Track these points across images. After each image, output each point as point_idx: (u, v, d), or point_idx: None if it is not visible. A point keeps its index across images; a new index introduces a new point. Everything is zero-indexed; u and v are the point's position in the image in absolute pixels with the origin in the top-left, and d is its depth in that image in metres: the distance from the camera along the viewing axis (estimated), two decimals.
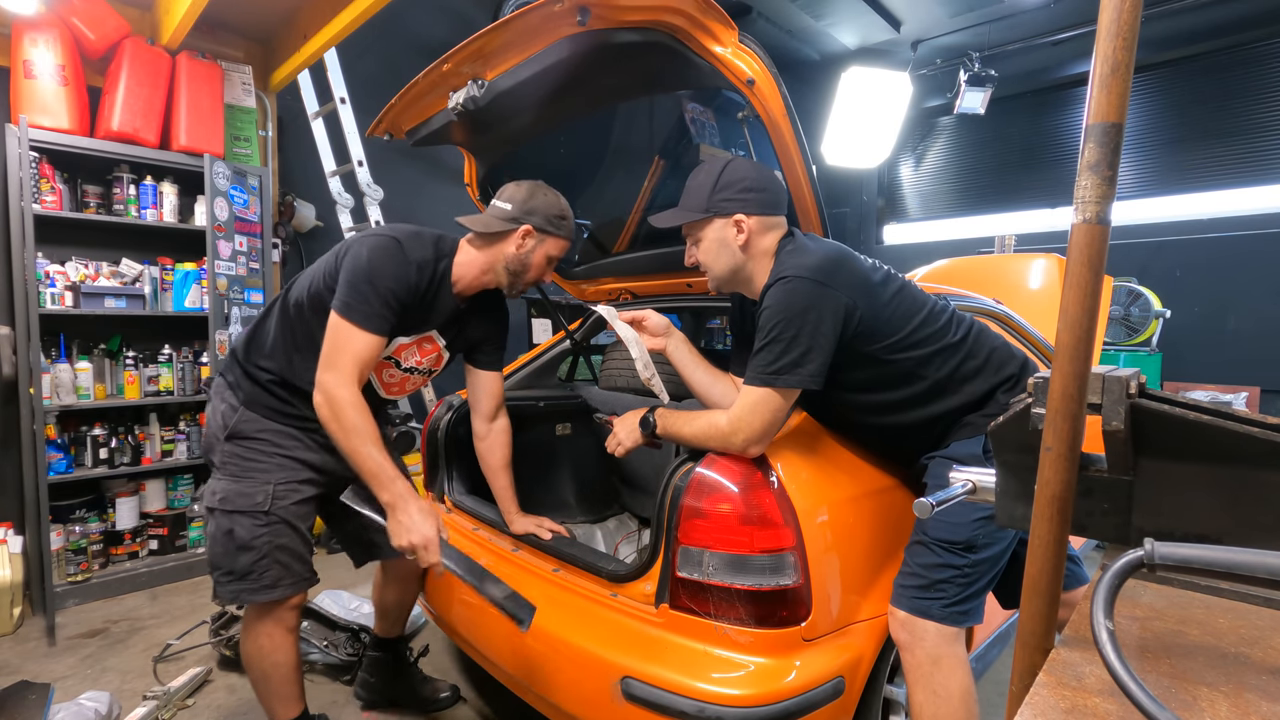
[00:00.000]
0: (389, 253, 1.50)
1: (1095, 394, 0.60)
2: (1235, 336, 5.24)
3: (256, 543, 1.57)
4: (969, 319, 1.51)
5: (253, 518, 1.57)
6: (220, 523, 1.57)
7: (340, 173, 3.97)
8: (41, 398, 2.63)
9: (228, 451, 1.60)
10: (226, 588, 1.58)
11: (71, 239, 2.95)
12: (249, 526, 1.56)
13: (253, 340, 1.68)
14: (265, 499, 1.58)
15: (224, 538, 1.56)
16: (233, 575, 1.57)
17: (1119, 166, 0.57)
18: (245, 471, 1.59)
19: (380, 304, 1.46)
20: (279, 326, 1.64)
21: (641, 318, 1.65)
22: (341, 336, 1.45)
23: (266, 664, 1.65)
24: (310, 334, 1.58)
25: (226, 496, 1.57)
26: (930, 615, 1.30)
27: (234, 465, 1.59)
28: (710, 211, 1.43)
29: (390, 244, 1.51)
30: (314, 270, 1.62)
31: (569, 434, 2.45)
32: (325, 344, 1.47)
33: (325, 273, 1.57)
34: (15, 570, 2.59)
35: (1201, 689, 0.51)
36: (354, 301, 1.45)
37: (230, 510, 1.56)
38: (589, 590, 1.56)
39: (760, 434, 1.31)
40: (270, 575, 1.59)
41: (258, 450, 1.61)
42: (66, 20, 2.75)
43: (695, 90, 1.90)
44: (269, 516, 1.58)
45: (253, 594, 1.58)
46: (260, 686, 1.69)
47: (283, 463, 1.62)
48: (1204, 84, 5.53)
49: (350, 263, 1.49)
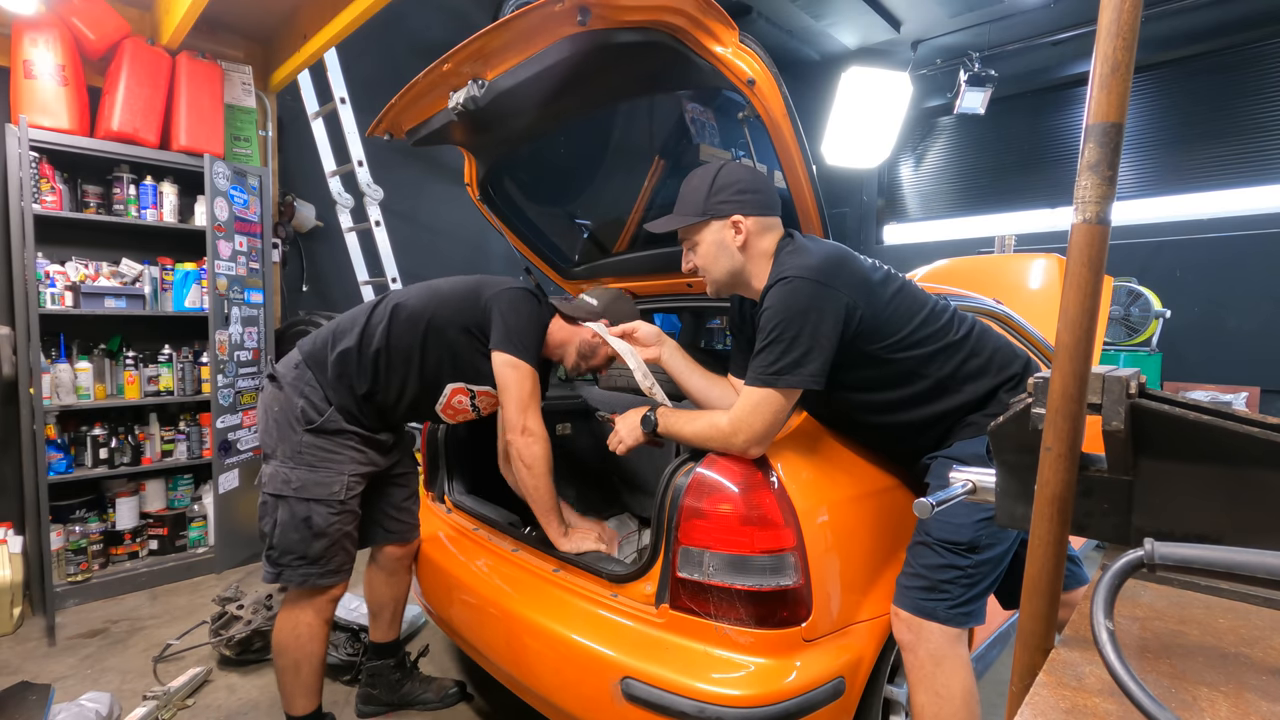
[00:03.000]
0: (535, 306, 1.76)
1: (1095, 394, 0.60)
2: (1235, 336, 5.24)
3: (330, 530, 1.68)
4: (971, 318, 1.50)
5: (328, 506, 1.68)
6: (296, 509, 1.66)
7: (340, 173, 3.97)
8: (41, 398, 2.63)
9: (307, 443, 1.68)
10: (297, 571, 1.68)
11: (71, 239, 2.95)
12: (324, 514, 1.67)
13: (347, 340, 1.74)
14: (341, 488, 1.70)
15: (300, 524, 1.66)
16: (305, 559, 1.68)
17: (1119, 166, 0.57)
18: (323, 462, 1.69)
19: (537, 348, 1.74)
20: (380, 337, 1.72)
21: (632, 329, 1.67)
22: (529, 381, 1.68)
23: (301, 653, 1.73)
24: (408, 347, 1.73)
25: (304, 485, 1.66)
26: (935, 617, 1.30)
27: (312, 455, 1.68)
28: (707, 214, 1.43)
29: (534, 300, 1.76)
30: (428, 290, 1.79)
31: (569, 434, 2.45)
32: (515, 388, 1.66)
33: (452, 305, 1.74)
34: (15, 570, 2.59)
35: (1201, 689, 0.51)
36: (525, 350, 1.69)
37: (307, 498, 1.66)
38: (589, 590, 1.56)
39: (761, 434, 1.31)
40: (336, 560, 1.72)
41: (338, 443, 1.71)
42: (66, 20, 2.75)
43: (695, 90, 1.90)
44: (343, 505, 1.70)
45: (320, 578, 1.70)
46: (288, 675, 1.74)
47: (354, 456, 1.73)
48: (1204, 84, 5.53)
49: (510, 315, 1.70)
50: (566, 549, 1.67)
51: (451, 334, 1.74)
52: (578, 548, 1.67)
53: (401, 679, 2.08)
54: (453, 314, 1.74)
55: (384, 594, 2.01)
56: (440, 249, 4.77)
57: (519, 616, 1.58)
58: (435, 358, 1.75)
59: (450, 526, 2.07)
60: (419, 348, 1.74)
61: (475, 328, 1.74)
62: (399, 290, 1.83)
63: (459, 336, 1.74)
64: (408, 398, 1.77)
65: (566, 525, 1.73)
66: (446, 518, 2.11)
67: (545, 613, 1.54)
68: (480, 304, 1.73)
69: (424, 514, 2.21)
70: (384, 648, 2.07)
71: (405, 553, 1.99)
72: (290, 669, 1.74)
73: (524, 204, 2.38)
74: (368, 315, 1.77)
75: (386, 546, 1.96)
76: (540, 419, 1.69)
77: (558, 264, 2.49)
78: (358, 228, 4.03)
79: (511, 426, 1.68)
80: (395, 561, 1.98)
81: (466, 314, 1.74)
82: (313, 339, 1.80)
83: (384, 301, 1.80)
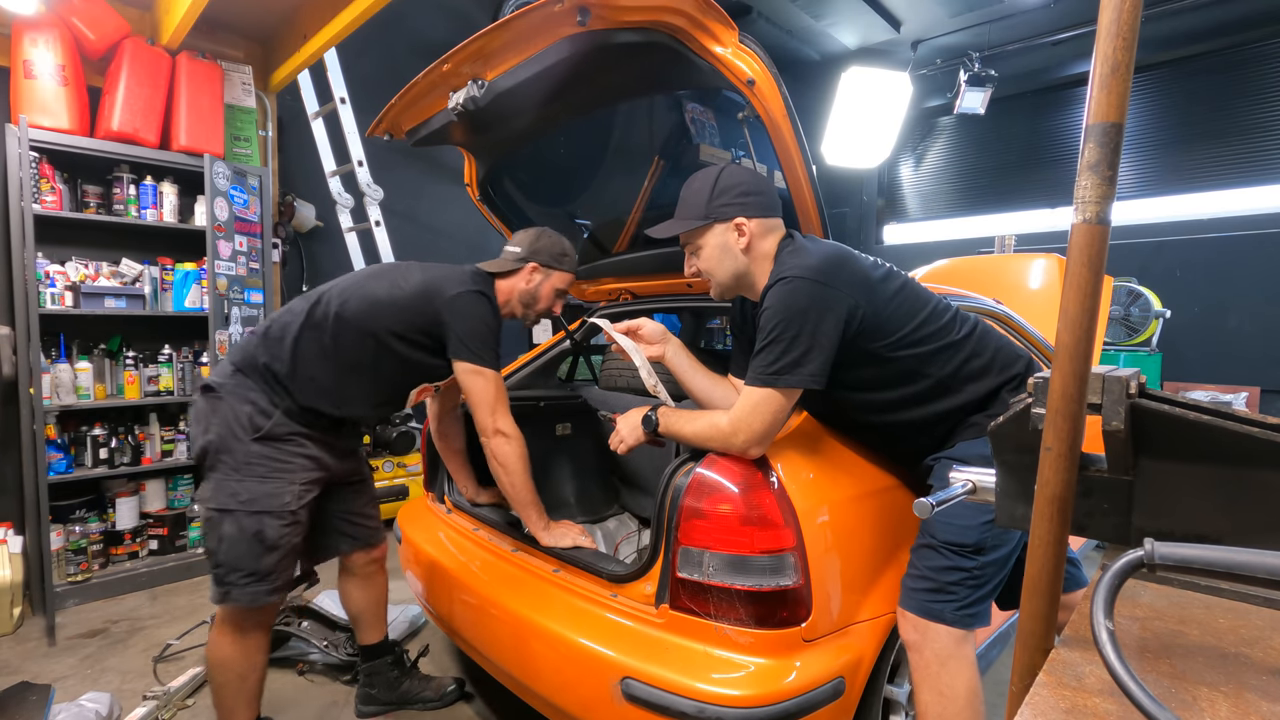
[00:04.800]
0: (489, 306, 1.73)
1: (1095, 394, 0.60)
2: (1235, 336, 5.24)
3: (282, 542, 1.60)
4: (973, 318, 1.50)
5: (279, 518, 1.59)
6: (245, 524, 1.56)
7: (340, 173, 3.97)
8: (41, 398, 2.64)
9: (255, 453, 1.60)
10: (245, 589, 1.57)
11: (71, 239, 2.95)
12: (276, 527, 1.59)
13: (285, 347, 1.67)
14: (293, 499, 1.62)
15: (251, 539, 1.56)
16: (254, 576, 1.57)
17: (1119, 166, 0.57)
18: (273, 472, 1.61)
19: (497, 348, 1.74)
20: (319, 345, 1.68)
21: (636, 326, 1.65)
22: (494, 385, 1.68)
23: (247, 666, 1.66)
24: (359, 361, 1.69)
25: (253, 498, 1.57)
26: (942, 619, 1.30)
27: (261, 466, 1.60)
28: (710, 217, 1.43)
29: (487, 301, 1.73)
30: (368, 300, 1.70)
31: (569, 434, 2.44)
32: (480, 394, 1.67)
33: (400, 319, 1.69)
34: (15, 570, 2.59)
35: (1201, 689, 0.51)
36: (486, 354, 1.68)
37: (257, 511, 1.57)
38: (589, 591, 1.56)
39: (761, 434, 1.31)
40: (285, 575, 1.64)
41: (286, 451, 1.64)
42: (66, 20, 2.75)
43: (695, 90, 1.90)
44: (294, 516, 1.62)
45: (269, 595, 1.60)
46: (231, 689, 1.66)
47: (304, 463, 1.66)
48: (1204, 84, 5.53)
49: (464, 322, 1.67)
50: (548, 543, 1.69)
51: (403, 349, 1.70)
52: (558, 542, 1.69)
53: (400, 676, 2.07)
54: (403, 329, 1.69)
55: (361, 600, 1.98)
56: (440, 249, 4.77)
57: (519, 616, 1.58)
58: (391, 370, 1.73)
59: (450, 527, 2.07)
60: (371, 366, 1.70)
61: (425, 335, 1.70)
62: (333, 293, 1.73)
63: (412, 352, 1.72)
64: (371, 405, 1.78)
65: (547, 520, 1.73)
66: (446, 518, 2.11)
67: (545, 613, 1.54)
68: (430, 312, 1.69)
69: (424, 514, 2.22)
70: (376, 648, 2.05)
71: (377, 556, 1.97)
72: (235, 682, 1.65)
73: (524, 204, 2.38)
74: (300, 324, 1.68)
75: (355, 553, 1.92)
76: (510, 418, 1.71)
77: None
78: (358, 228, 4.03)
79: (484, 430, 1.70)
80: (367, 566, 1.96)
81: (417, 326, 1.69)
82: (242, 348, 1.71)
83: (319, 306, 1.71)
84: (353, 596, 1.98)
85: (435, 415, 2.10)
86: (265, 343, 1.69)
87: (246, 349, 1.70)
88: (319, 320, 1.69)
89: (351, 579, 1.96)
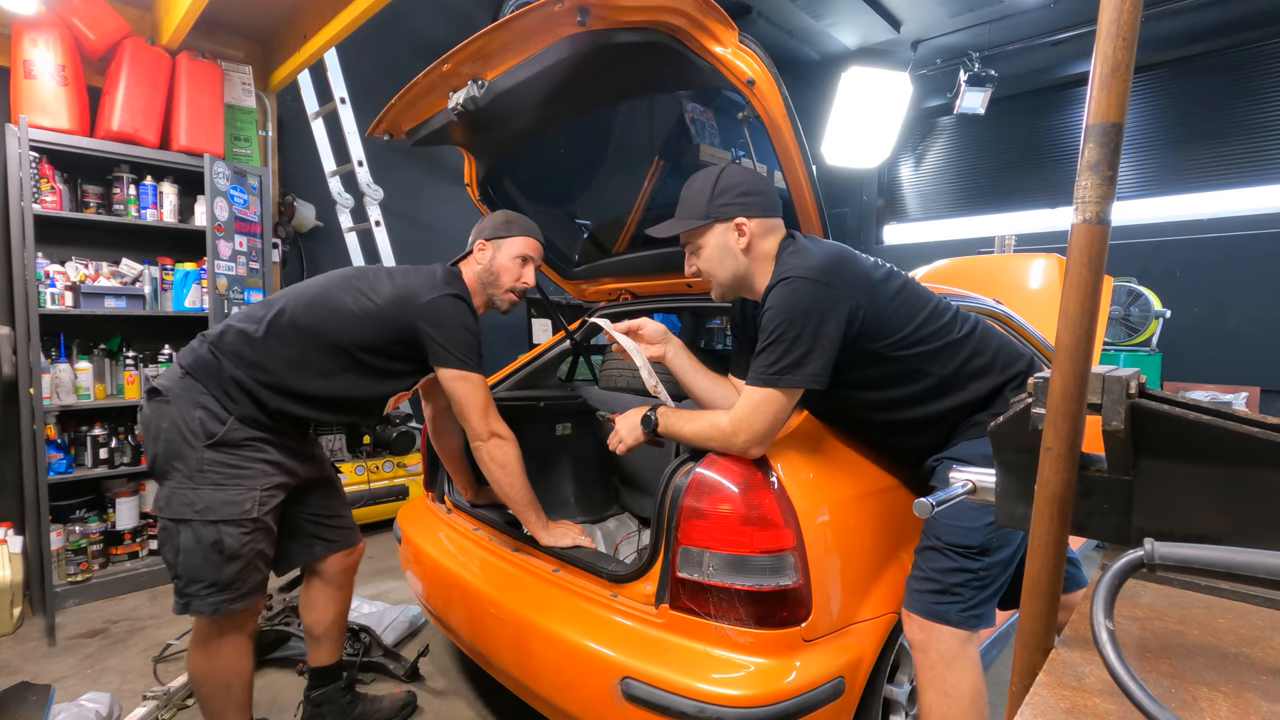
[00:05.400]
0: (465, 308, 1.69)
1: (1095, 394, 0.60)
2: (1235, 336, 5.24)
3: (244, 551, 1.54)
4: (974, 317, 1.50)
5: (239, 526, 1.53)
6: (203, 534, 1.51)
7: (340, 173, 3.98)
8: (41, 398, 2.64)
9: (209, 459, 1.53)
10: (206, 600, 1.52)
11: (71, 239, 2.95)
12: (236, 535, 1.53)
13: (249, 356, 1.61)
14: (253, 505, 1.55)
15: (209, 549, 1.51)
16: (215, 587, 1.53)
17: (1119, 166, 0.57)
18: (230, 479, 1.54)
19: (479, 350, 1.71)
20: (284, 346, 1.62)
21: (637, 326, 1.64)
22: (482, 389, 1.67)
23: (231, 674, 1.62)
24: (327, 370, 1.64)
25: (210, 506, 1.51)
26: (948, 620, 1.30)
27: (216, 473, 1.53)
28: (711, 217, 1.42)
29: (462, 303, 1.69)
30: (331, 310, 1.65)
31: (569, 434, 2.44)
32: (470, 399, 1.65)
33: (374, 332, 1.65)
34: (15, 570, 2.59)
35: (1201, 689, 0.51)
36: (470, 359, 1.66)
37: (215, 520, 1.51)
38: (589, 591, 1.56)
39: (762, 435, 1.31)
40: (250, 582, 1.58)
41: (243, 456, 1.57)
42: (66, 20, 2.75)
43: (695, 90, 1.90)
44: (255, 524, 1.56)
45: (233, 604, 1.55)
46: (218, 699, 1.62)
47: (264, 469, 1.60)
48: (1204, 84, 5.53)
49: (443, 330, 1.64)
50: (548, 543, 1.69)
51: (373, 360, 1.66)
52: (558, 542, 1.68)
53: (353, 701, 1.96)
54: (375, 340, 1.64)
55: (326, 612, 1.86)
56: (440, 249, 4.77)
57: (519, 617, 1.58)
58: (362, 380, 1.67)
59: (450, 527, 2.07)
60: (340, 377, 1.66)
61: (400, 344, 1.66)
62: (293, 300, 1.67)
63: (384, 363, 1.68)
64: (341, 413, 1.75)
65: (547, 520, 1.73)
66: (446, 518, 2.11)
67: (545, 613, 1.54)
68: (403, 321, 1.64)
69: (424, 514, 2.21)
70: (329, 671, 1.91)
71: (351, 561, 1.89)
72: (220, 692, 1.61)
73: (524, 204, 2.38)
74: (264, 332, 1.62)
75: (330, 557, 1.83)
76: (501, 420, 1.70)
77: (558, 264, 2.49)
78: (358, 228, 4.03)
79: (478, 435, 1.67)
80: (341, 573, 1.86)
81: (390, 337, 1.65)
82: (192, 351, 1.64)
83: (282, 316, 1.64)
84: (317, 607, 1.86)
85: (432, 416, 2.09)
86: (221, 347, 1.62)
87: (198, 352, 1.63)
88: (283, 329, 1.63)
89: (323, 586, 1.85)
